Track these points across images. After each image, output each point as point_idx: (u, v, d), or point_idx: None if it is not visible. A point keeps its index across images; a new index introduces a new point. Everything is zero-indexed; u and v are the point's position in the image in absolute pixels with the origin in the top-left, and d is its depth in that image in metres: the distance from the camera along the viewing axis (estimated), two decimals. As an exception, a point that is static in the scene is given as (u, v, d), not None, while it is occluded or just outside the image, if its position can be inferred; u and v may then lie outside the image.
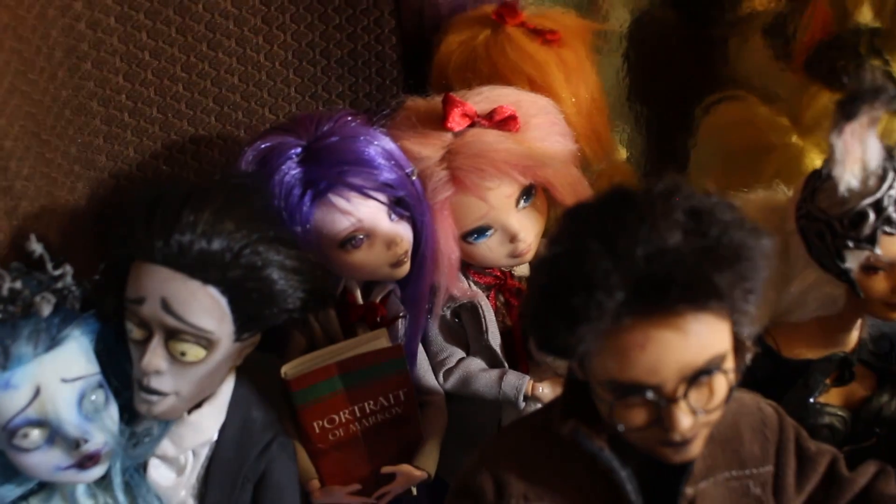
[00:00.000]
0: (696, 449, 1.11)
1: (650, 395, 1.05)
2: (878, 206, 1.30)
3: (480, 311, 1.59)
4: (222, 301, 1.27)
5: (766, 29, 1.79)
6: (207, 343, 1.28)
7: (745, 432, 1.23)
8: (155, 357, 1.27)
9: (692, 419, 1.06)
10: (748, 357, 1.17)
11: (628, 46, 2.03)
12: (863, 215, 1.31)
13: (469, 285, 1.60)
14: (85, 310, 1.33)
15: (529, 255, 1.57)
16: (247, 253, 1.26)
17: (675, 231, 1.00)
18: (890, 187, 1.30)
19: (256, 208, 1.30)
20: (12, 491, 1.32)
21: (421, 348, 1.60)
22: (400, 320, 1.55)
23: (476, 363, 1.60)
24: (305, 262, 1.32)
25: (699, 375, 1.05)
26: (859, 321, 1.49)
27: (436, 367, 1.60)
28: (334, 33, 1.71)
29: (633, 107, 2.07)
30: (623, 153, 1.99)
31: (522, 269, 1.63)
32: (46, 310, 1.26)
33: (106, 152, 1.70)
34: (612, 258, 0.99)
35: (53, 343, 1.26)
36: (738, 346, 1.14)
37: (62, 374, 1.26)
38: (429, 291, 1.55)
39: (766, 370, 1.50)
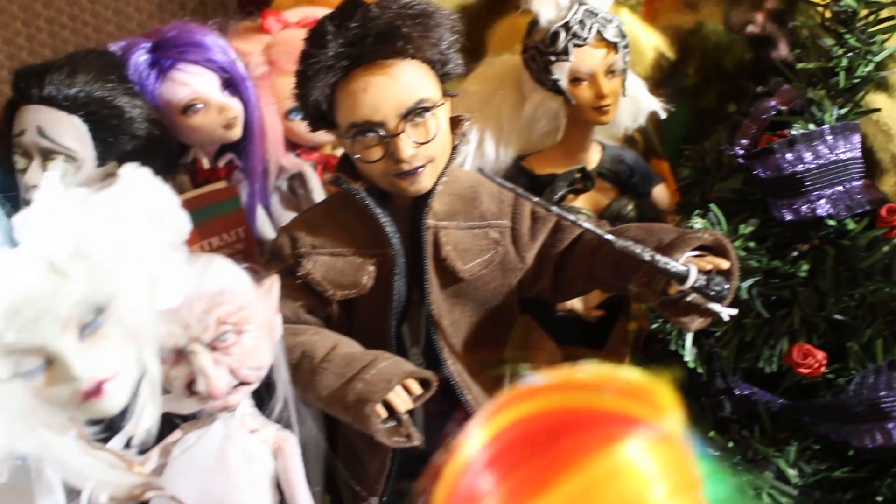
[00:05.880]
0: (426, 180, 1.49)
1: (380, 132, 1.44)
2: (567, 26, 1.76)
3: (305, 177, 1.99)
4: (84, 128, 1.68)
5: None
6: (74, 162, 1.67)
7: (483, 196, 1.59)
8: (35, 174, 1.66)
9: (413, 149, 1.45)
10: (466, 125, 1.56)
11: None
12: (556, 34, 1.76)
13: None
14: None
15: None
16: (98, 92, 1.68)
17: (384, 8, 1.45)
18: (574, 13, 1.76)
19: (109, 67, 1.74)
20: None
21: (266, 214, 2.00)
22: (242, 185, 1.95)
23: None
24: (146, 103, 1.75)
25: (412, 114, 1.45)
26: (597, 147, 1.91)
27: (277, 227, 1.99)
28: (186, -12, 2.21)
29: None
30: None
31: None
32: None
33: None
34: (333, 30, 1.44)
35: None
36: (455, 121, 1.54)
37: None
38: (263, 164, 1.96)
39: (524, 185, 1.87)
